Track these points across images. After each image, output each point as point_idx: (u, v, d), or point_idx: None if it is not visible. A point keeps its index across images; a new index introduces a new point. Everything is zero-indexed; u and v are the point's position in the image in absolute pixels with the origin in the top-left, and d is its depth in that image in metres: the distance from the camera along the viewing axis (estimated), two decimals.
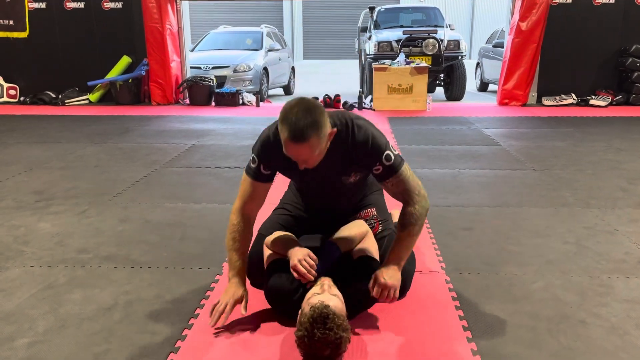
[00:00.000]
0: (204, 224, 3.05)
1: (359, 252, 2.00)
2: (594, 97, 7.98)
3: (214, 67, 9.34)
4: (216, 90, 8.49)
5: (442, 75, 9.56)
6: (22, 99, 8.86)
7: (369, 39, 9.61)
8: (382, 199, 2.29)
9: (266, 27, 11.13)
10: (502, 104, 8.20)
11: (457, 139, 5.56)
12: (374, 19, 10.05)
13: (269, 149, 1.88)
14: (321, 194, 2.11)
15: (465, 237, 2.82)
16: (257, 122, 6.81)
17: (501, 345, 1.81)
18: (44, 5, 8.67)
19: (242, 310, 1.89)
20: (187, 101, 8.64)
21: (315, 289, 1.78)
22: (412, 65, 7.83)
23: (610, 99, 7.93)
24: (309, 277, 1.82)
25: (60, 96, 8.63)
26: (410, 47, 8.80)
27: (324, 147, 1.75)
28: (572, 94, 8.11)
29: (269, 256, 2.01)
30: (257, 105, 8.38)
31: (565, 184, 3.82)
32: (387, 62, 8.08)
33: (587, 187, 3.73)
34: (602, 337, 1.86)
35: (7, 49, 8.86)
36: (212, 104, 8.52)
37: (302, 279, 1.83)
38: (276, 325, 1.92)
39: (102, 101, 8.82)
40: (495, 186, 3.81)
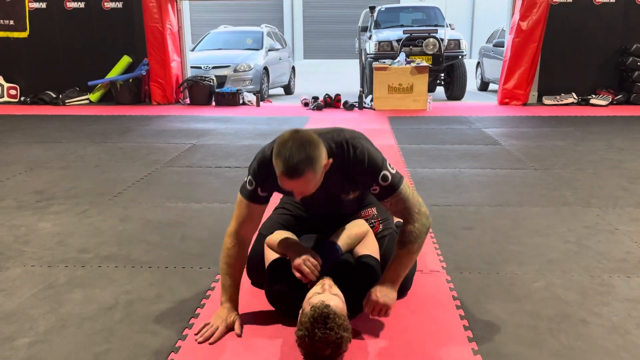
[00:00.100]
0: (205, 223, 3.05)
1: (360, 251, 2.01)
2: (594, 96, 7.98)
3: (214, 67, 9.34)
4: (216, 90, 8.49)
5: (442, 74, 9.56)
6: (22, 98, 8.87)
7: (370, 38, 9.61)
8: None
9: (266, 26, 11.13)
10: (502, 103, 8.20)
11: (457, 138, 5.55)
12: (375, 19, 10.05)
13: (266, 171, 1.81)
14: (322, 207, 2.10)
15: (465, 237, 2.82)
16: (257, 121, 6.82)
17: (502, 344, 1.81)
18: (44, 5, 8.68)
19: (237, 331, 1.86)
20: (188, 101, 8.64)
21: (316, 289, 1.78)
22: (413, 64, 7.82)
23: (610, 98, 7.93)
24: (312, 277, 1.81)
25: (60, 96, 8.64)
26: (410, 47, 8.79)
27: (319, 178, 1.71)
28: (573, 93, 8.11)
29: (269, 256, 2.02)
30: (258, 105, 8.39)
31: (565, 183, 3.81)
32: (388, 61, 8.07)
33: (588, 187, 3.73)
34: (603, 336, 1.85)
35: (8, 49, 8.87)
36: (213, 103, 8.52)
37: (304, 279, 1.83)
38: (276, 325, 1.92)
39: (102, 101, 8.82)
40: (495, 185, 3.81)
